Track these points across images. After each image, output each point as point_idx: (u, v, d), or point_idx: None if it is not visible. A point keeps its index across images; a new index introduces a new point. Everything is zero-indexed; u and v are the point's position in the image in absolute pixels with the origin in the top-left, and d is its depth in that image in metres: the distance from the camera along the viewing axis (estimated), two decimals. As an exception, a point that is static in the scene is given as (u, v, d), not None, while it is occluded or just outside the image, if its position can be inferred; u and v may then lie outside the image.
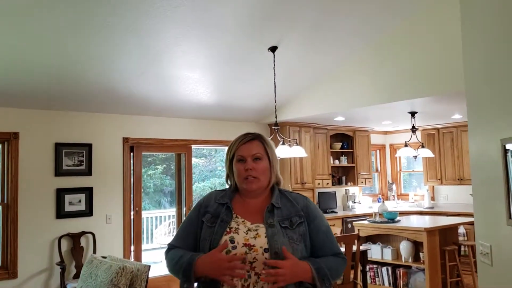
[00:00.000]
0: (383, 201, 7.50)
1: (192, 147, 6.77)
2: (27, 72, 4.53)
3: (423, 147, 6.95)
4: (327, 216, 6.98)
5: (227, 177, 1.97)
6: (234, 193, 1.93)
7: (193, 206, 1.97)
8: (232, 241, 1.75)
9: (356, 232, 6.03)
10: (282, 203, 1.87)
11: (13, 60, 4.29)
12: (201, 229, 1.84)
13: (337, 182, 8.17)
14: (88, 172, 5.67)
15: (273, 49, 4.88)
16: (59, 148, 5.47)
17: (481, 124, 2.39)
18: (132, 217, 6.07)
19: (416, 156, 6.85)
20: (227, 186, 1.99)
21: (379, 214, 6.33)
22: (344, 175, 8.35)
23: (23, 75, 4.57)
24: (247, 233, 1.77)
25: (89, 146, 5.69)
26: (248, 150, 1.87)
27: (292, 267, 1.69)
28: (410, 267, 5.74)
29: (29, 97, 5.04)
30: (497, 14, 2.19)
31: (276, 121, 5.25)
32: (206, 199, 1.94)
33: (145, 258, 6.36)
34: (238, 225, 1.80)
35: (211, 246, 1.76)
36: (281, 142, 5.04)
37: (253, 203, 1.89)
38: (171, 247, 1.91)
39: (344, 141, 8.26)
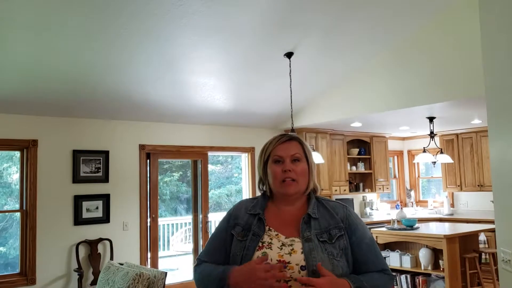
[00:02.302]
0: (401, 208, 7.40)
1: (208, 154, 6.78)
2: (45, 80, 4.59)
3: (442, 153, 6.84)
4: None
5: (260, 181, 1.80)
6: (266, 201, 1.76)
7: (223, 216, 1.82)
8: None
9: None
10: (320, 213, 1.69)
11: (32, 69, 4.35)
12: (230, 243, 1.69)
13: (355, 188, 8.09)
14: (105, 179, 5.72)
15: (289, 55, 4.87)
16: (77, 155, 5.53)
17: (502, 128, 2.34)
18: (148, 224, 6.09)
19: (434, 162, 6.75)
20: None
21: (398, 221, 6.24)
22: (361, 181, 8.27)
23: (41, 83, 4.64)
24: (281, 248, 1.60)
25: (106, 153, 5.74)
26: (287, 150, 1.71)
27: (329, 286, 1.51)
28: (429, 275, 5.63)
29: (48, 104, 5.11)
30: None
31: (292, 127, 5.23)
32: (236, 209, 1.77)
33: (162, 265, 6.36)
34: (271, 239, 1.64)
35: (243, 262, 1.61)
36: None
37: (287, 212, 1.72)
38: (200, 262, 1.75)
39: (361, 147, 8.19)
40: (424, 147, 6.76)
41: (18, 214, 5.28)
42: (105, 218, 5.68)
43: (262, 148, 1.79)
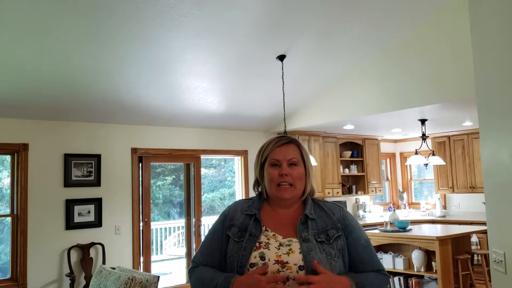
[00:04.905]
0: (394, 210, 7.42)
1: (201, 157, 6.76)
2: (36, 84, 4.56)
3: (433, 155, 6.87)
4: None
5: (256, 183, 1.79)
6: (262, 202, 1.75)
7: (218, 217, 1.80)
8: (262, 257, 1.58)
9: (367, 241, 5.94)
10: (317, 214, 1.69)
11: (22, 72, 4.32)
12: (226, 244, 1.67)
13: (347, 191, 8.11)
14: (97, 183, 5.68)
15: (281, 57, 4.87)
16: (68, 159, 5.50)
17: (492, 129, 2.35)
18: (141, 228, 6.07)
19: (426, 164, 6.77)
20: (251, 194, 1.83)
21: (390, 223, 6.26)
22: (354, 184, 8.28)
23: (32, 87, 4.61)
24: (279, 249, 1.59)
25: (98, 157, 5.71)
26: (284, 154, 1.70)
27: (328, 283, 1.50)
28: (422, 276, 5.65)
29: (38, 108, 5.08)
30: (507, 19, 2.16)
31: (285, 130, 5.23)
32: (231, 210, 1.76)
33: (155, 269, 6.34)
34: (268, 239, 1.63)
35: (240, 263, 1.60)
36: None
37: (284, 213, 1.71)
38: (195, 265, 1.73)
39: (354, 149, 8.21)
40: (416, 149, 6.79)
41: (9, 219, 5.23)
42: (97, 222, 5.65)
43: (260, 149, 1.77)
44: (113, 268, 3.97)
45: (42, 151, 5.35)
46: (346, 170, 8.06)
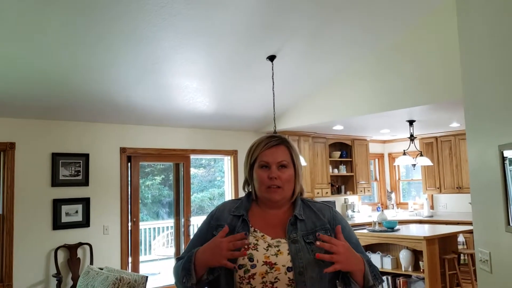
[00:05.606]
0: (382, 210, 7.48)
1: (191, 157, 6.75)
2: (24, 82, 4.52)
3: (421, 155, 6.93)
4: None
5: (246, 182, 1.77)
6: (250, 202, 1.74)
7: (206, 217, 1.79)
8: (251, 259, 1.57)
9: (355, 241, 5.97)
10: (306, 215, 1.68)
11: (10, 70, 4.28)
12: None
13: (336, 191, 8.14)
14: (85, 182, 5.64)
15: (271, 58, 4.88)
16: (56, 158, 5.45)
17: (479, 131, 2.38)
18: (129, 228, 6.03)
19: (414, 165, 6.83)
20: (241, 194, 1.81)
21: (379, 223, 6.30)
22: (343, 184, 8.32)
23: (20, 85, 4.56)
24: (267, 250, 1.59)
25: (86, 156, 5.67)
26: (274, 157, 1.68)
27: (347, 250, 1.52)
28: (410, 276, 5.69)
29: (26, 106, 5.03)
30: (493, 22, 2.19)
31: (275, 130, 5.24)
32: (219, 210, 1.74)
33: (143, 270, 6.31)
34: (257, 240, 1.61)
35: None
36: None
37: (273, 214, 1.70)
38: (179, 260, 1.72)
39: (343, 150, 8.25)
40: (404, 150, 6.84)
41: (-5, 219, 5.18)
42: (85, 222, 5.60)
43: (249, 148, 1.75)
44: (101, 269, 3.95)
45: (29, 150, 5.30)
46: (335, 170, 8.09)
